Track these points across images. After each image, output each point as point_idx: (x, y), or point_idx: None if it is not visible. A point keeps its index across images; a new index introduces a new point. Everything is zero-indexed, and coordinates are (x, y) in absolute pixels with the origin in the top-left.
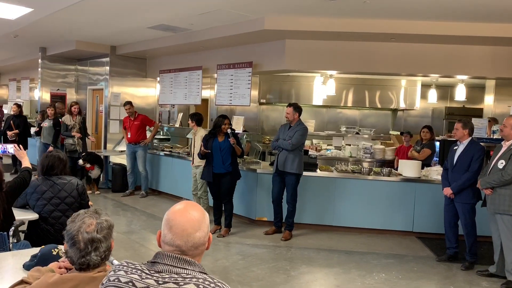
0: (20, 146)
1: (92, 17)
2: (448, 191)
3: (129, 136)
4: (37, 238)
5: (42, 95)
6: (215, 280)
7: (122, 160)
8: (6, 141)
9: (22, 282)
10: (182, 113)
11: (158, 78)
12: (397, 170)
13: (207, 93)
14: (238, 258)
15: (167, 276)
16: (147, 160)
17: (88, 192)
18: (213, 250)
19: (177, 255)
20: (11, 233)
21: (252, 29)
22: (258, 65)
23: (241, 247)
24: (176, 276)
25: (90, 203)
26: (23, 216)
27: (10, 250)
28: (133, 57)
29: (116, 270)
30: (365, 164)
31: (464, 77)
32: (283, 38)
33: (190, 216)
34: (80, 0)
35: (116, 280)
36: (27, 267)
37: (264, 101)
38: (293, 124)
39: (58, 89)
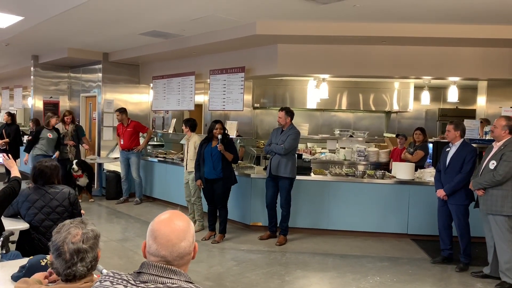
0: (9, 155)
1: (82, 25)
2: (441, 193)
3: (122, 142)
4: (29, 248)
5: (35, 103)
6: None
7: (116, 167)
8: None
9: None
10: (175, 119)
11: (151, 84)
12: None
13: (201, 99)
14: (232, 264)
15: (152, 286)
16: (141, 167)
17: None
18: (208, 256)
19: (162, 265)
20: None
21: (244, 34)
22: (251, 69)
23: (236, 252)
24: (161, 286)
25: (82, 211)
26: (14, 226)
27: None
28: (126, 64)
29: (102, 281)
30: (360, 167)
31: (456, 78)
32: (275, 42)
33: (175, 226)
34: (69, 8)
35: None
36: (15, 278)
37: (258, 105)
38: (285, 128)
39: (51, 97)
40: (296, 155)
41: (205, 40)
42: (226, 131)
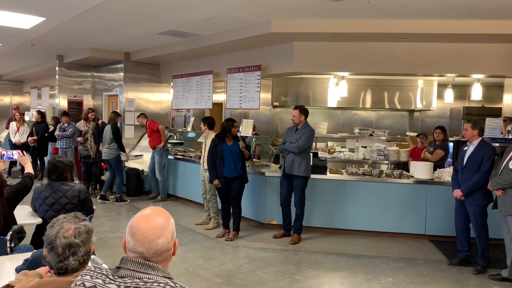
0: (24, 152)
1: (102, 25)
2: (458, 193)
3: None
4: (42, 242)
5: (60, 101)
6: (177, 285)
7: (137, 165)
8: (28, 147)
9: (8, 286)
10: (194, 117)
11: (172, 83)
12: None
13: (221, 97)
14: (244, 262)
15: (129, 281)
16: (165, 165)
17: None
18: (220, 254)
19: (140, 261)
20: (8, 237)
21: (259, 32)
22: (267, 68)
23: (248, 250)
24: (138, 280)
25: (94, 207)
26: (26, 220)
27: (8, 254)
28: (147, 63)
29: (83, 275)
30: (383, 167)
31: (479, 76)
32: (291, 40)
33: (153, 223)
34: (87, 8)
35: (81, 285)
36: (18, 270)
37: (277, 104)
38: (299, 127)
39: (75, 96)
40: (311, 153)
41: (221, 38)
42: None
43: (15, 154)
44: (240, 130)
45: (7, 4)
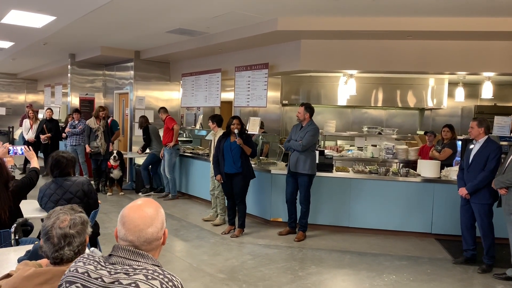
0: (30, 147)
1: (111, 23)
2: (463, 191)
3: None
4: None
5: (72, 99)
6: (165, 272)
7: None
8: (40, 144)
9: (8, 275)
10: (201, 115)
11: (181, 81)
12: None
13: (231, 95)
14: (248, 258)
15: (119, 267)
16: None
17: (109, 194)
18: (225, 250)
19: (130, 249)
20: (12, 229)
21: (266, 30)
22: (275, 66)
23: (253, 247)
24: (127, 267)
25: (99, 201)
26: (34, 214)
27: (12, 246)
28: (157, 61)
29: (77, 261)
30: (394, 166)
31: (490, 74)
32: (298, 38)
33: (143, 213)
34: (96, 7)
35: (75, 271)
36: (20, 261)
37: (286, 102)
38: (304, 124)
39: (87, 94)
40: (316, 151)
41: (229, 37)
42: (243, 127)
43: (21, 150)
44: (245, 128)
45: (17, 3)
